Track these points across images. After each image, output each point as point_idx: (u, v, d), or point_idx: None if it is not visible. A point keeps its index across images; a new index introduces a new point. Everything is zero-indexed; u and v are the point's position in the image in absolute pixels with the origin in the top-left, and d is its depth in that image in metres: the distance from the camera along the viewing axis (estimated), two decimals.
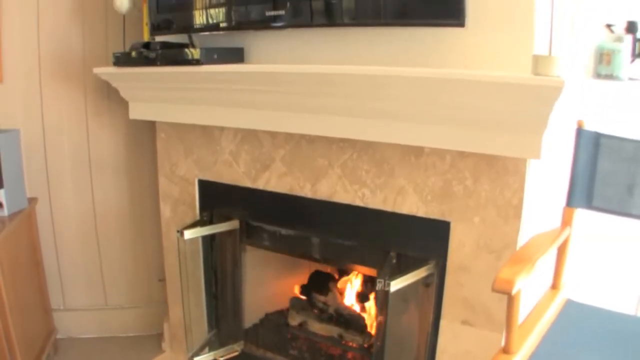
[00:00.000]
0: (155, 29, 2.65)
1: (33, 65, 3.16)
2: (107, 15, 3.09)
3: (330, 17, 2.17)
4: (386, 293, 2.11)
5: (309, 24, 2.23)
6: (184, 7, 2.54)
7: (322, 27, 2.23)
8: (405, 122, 2.01)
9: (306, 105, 2.20)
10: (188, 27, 2.55)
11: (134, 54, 2.53)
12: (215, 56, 2.33)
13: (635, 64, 2.15)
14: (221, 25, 2.44)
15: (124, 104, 2.93)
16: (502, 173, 1.96)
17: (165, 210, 2.95)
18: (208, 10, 2.46)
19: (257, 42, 2.45)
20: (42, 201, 3.27)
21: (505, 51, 1.89)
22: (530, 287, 1.60)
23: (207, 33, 2.51)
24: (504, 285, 1.43)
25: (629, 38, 2.14)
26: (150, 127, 3.04)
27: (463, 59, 1.97)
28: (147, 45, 2.49)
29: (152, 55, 2.44)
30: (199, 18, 2.50)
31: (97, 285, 3.45)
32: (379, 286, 2.19)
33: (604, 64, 2.12)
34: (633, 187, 1.81)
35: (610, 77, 2.10)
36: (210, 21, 2.46)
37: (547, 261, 1.71)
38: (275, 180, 2.51)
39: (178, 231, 2.65)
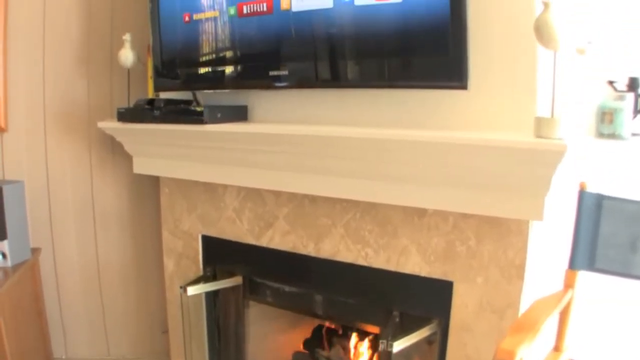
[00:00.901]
0: (160, 85, 2.74)
1: (38, 116, 3.25)
2: (112, 68, 3.17)
3: (333, 78, 2.24)
4: (389, 353, 2.14)
5: (312, 84, 2.30)
6: (189, 64, 2.62)
7: (325, 88, 2.30)
8: (408, 184, 2.05)
9: (309, 165, 2.25)
10: (192, 84, 2.64)
11: (138, 110, 2.61)
12: (219, 115, 2.39)
13: (637, 119, 2.19)
14: (225, 83, 2.52)
15: (128, 157, 3.00)
16: (505, 233, 2.00)
17: (169, 264, 3.00)
18: (212, 68, 2.55)
19: (261, 100, 2.52)
20: (46, 251, 3.32)
21: (507, 112, 1.95)
22: (532, 352, 1.63)
23: (211, 91, 2.59)
24: (505, 356, 1.47)
25: (630, 96, 2.17)
26: (154, 181, 3.09)
27: (466, 120, 2.02)
28: (151, 102, 2.56)
29: (156, 112, 2.51)
30: (204, 75, 2.58)
31: (100, 335, 3.48)
32: (381, 346, 2.22)
33: (605, 123, 2.15)
34: (636, 248, 1.84)
35: (612, 136, 2.12)
36: (215, 79, 2.54)
37: (550, 324, 1.74)
38: (279, 238, 2.55)
39: (181, 287, 2.70)
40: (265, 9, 2.30)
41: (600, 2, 2.08)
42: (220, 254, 2.82)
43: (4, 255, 2.91)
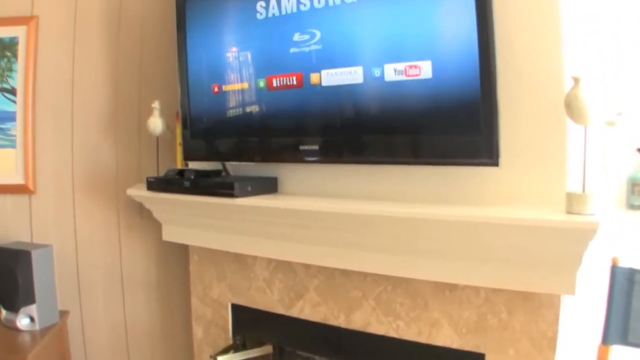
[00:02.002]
0: (189, 154, 2.84)
1: (66, 180, 3.38)
2: (140, 134, 3.29)
3: (363, 153, 2.31)
4: None
5: (342, 159, 2.38)
6: (218, 134, 2.73)
7: (355, 164, 2.37)
8: (439, 260, 2.10)
9: (340, 240, 2.31)
10: (222, 155, 2.74)
11: (168, 180, 2.70)
12: (250, 188, 2.46)
13: None
14: (255, 155, 2.62)
15: (157, 222, 3.09)
16: (537, 306, 2.03)
17: (198, 332, 3.05)
18: (242, 140, 2.64)
19: (291, 172, 2.60)
20: (74, 314, 3.41)
21: (537, 186, 2.00)
22: None
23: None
24: None
25: None
26: (183, 248, 3.17)
27: (495, 195, 2.08)
28: (181, 173, 2.65)
29: (186, 183, 2.59)
30: (233, 147, 2.68)
31: None
32: None
33: (636, 195, 2.19)
34: None
35: None
36: (244, 151, 2.64)
37: None
38: (310, 309, 2.60)
39: (212, 356, 2.77)
40: (295, 82, 2.40)
41: (629, 67, 2.12)
42: (250, 323, 2.86)
43: (32, 319, 3.02)
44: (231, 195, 2.43)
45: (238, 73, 2.59)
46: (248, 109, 2.58)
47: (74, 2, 3.39)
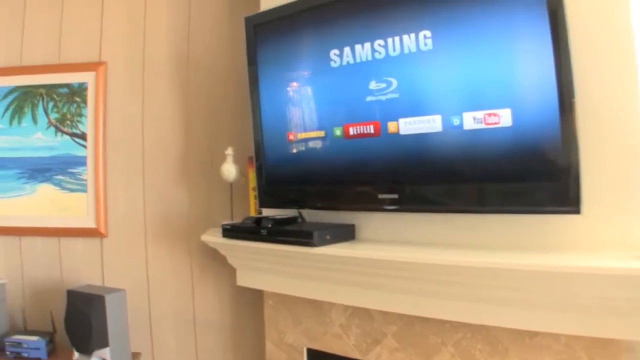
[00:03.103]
0: (264, 201, 2.91)
1: (138, 224, 3.52)
2: (212, 180, 3.40)
3: (442, 202, 2.34)
4: None
5: (422, 209, 2.42)
6: (294, 182, 2.80)
7: (434, 213, 2.41)
8: (519, 308, 2.12)
9: (418, 288, 2.34)
10: (298, 203, 2.80)
11: (244, 228, 2.76)
12: (328, 237, 2.50)
13: None
14: (332, 204, 2.68)
15: (228, 268, 3.18)
16: (617, 352, 2.04)
17: None
18: (318, 188, 2.71)
19: (369, 220, 2.64)
20: (145, 356, 3.52)
21: (618, 234, 2.01)
22: None
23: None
24: None
25: None
26: (256, 292, 3.24)
27: (575, 243, 2.10)
28: (258, 221, 2.70)
29: (263, 232, 2.65)
30: (309, 195, 2.75)
31: None
32: None
33: None
34: None
35: None
36: (321, 199, 2.71)
37: None
38: (387, 355, 2.63)
39: None
40: (372, 131, 2.46)
41: None
42: None
43: None
44: (310, 244, 2.47)
45: (313, 121, 2.67)
46: (324, 157, 2.64)
47: (141, 48, 3.53)
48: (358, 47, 2.48)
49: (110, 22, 3.66)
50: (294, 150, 2.76)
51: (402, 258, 2.27)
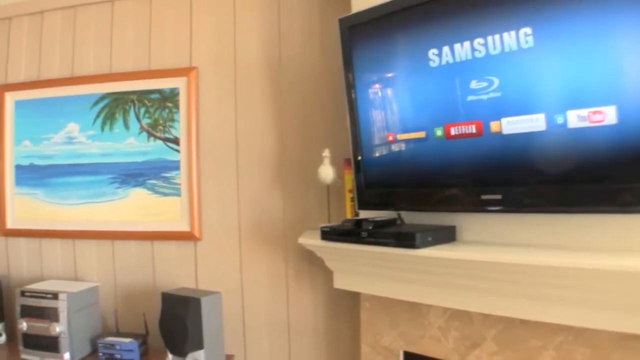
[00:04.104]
0: (363, 203, 2.95)
1: (232, 227, 3.64)
2: (307, 182, 3.48)
3: (547, 202, 2.34)
4: None
5: (526, 209, 2.41)
6: (393, 184, 2.83)
7: (538, 213, 2.41)
8: (622, 311, 2.11)
9: (521, 290, 2.34)
10: (397, 205, 2.83)
11: (344, 230, 2.80)
12: (430, 239, 2.52)
13: None
14: (433, 205, 2.69)
15: (324, 271, 3.26)
16: None
17: None
18: (419, 190, 2.73)
19: (469, 221, 2.65)
20: (238, 358, 3.62)
21: None
22: None
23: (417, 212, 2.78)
24: None
25: None
26: (352, 295, 3.31)
27: None
28: (358, 223, 2.74)
29: (364, 234, 2.68)
30: (410, 196, 2.77)
31: None
32: None
33: None
34: None
35: None
36: (421, 201, 2.72)
37: None
38: (486, 358, 2.64)
39: None
40: (474, 131, 2.48)
41: None
42: None
43: None
44: (412, 246, 2.50)
45: (413, 122, 2.69)
46: (425, 158, 2.67)
47: (232, 52, 3.63)
48: (457, 46, 2.51)
49: (199, 27, 3.79)
50: (394, 151, 2.79)
51: (506, 260, 2.27)
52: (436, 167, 2.65)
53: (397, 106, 2.77)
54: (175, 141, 3.74)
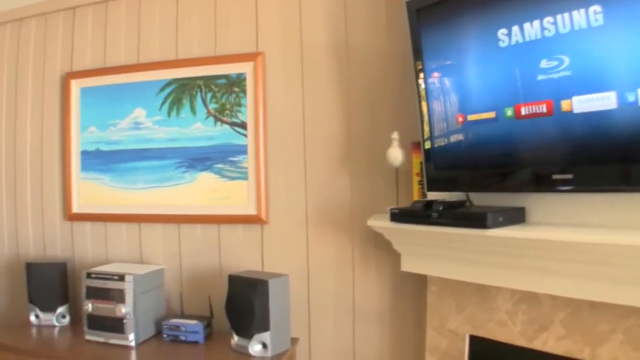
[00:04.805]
0: (432, 185, 2.99)
1: (299, 211, 3.71)
2: (374, 166, 3.54)
3: (620, 182, 2.34)
4: None
5: (597, 189, 2.42)
6: (463, 165, 2.86)
7: (611, 192, 2.41)
8: None
9: (592, 272, 2.36)
10: (467, 186, 2.86)
11: (413, 211, 2.84)
12: (501, 219, 2.53)
13: None
14: (503, 186, 2.70)
15: (391, 254, 3.32)
16: None
17: None
18: (489, 171, 2.76)
19: (539, 202, 2.66)
20: (302, 342, 3.70)
21: None
22: None
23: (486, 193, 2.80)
24: None
25: None
26: (417, 278, 3.36)
27: None
28: (428, 204, 2.77)
29: (434, 215, 2.71)
30: (480, 178, 2.80)
31: None
32: None
33: None
34: None
35: None
36: (492, 182, 2.75)
37: None
38: (553, 342, 2.64)
39: None
40: (545, 110, 2.48)
41: None
42: (487, 356, 2.93)
43: (264, 346, 3.29)
44: (483, 226, 2.51)
45: (483, 102, 2.71)
46: (495, 138, 2.68)
47: (298, 38, 3.70)
48: (527, 25, 2.52)
49: (265, 13, 3.86)
50: (463, 133, 2.82)
51: (579, 239, 2.28)
52: (506, 147, 2.66)
53: (467, 87, 2.79)
54: (243, 125, 3.82)
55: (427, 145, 2.99)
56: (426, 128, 2.99)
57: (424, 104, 2.98)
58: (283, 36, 3.80)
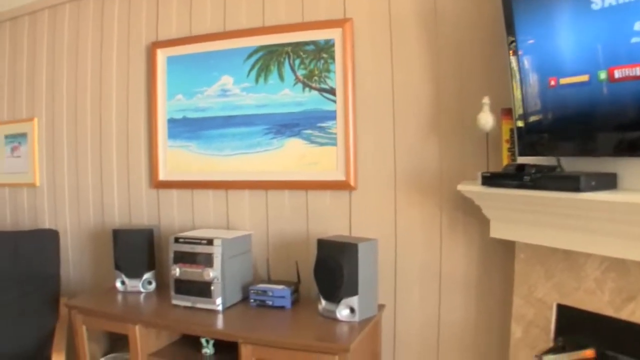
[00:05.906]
0: (524, 150, 3.03)
1: (387, 177, 3.80)
2: (463, 131, 3.59)
3: None
4: None
5: None
6: (555, 130, 2.89)
7: None
8: None
9: None
10: (559, 151, 2.89)
11: (505, 175, 2.90)
12: (594, 183, 2.56)
13: None
14: (596, 150, 2.73)
15: (479, 221, 3.39)
16: None
17: (516, 331, 3.22)
18: (581, 135, 2.78)
19: (629, 169, 2.67)
20: (388, 309, 3.80)
21: None
22: None
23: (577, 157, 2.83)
24: None
25: None
26: (505, 246, 3.41)
27: None
28: (520, 168, 2.82)
29: (526, 178, 2.76)
30: (572, 142, 2.82)
31: None
32: None
33: None
34: None
35: None
36: (584, 146, 2.77)
37: None
38: None
39: (536, 356, 2.90)
40: (639, 74, 2.48)
41: None
42: (574, 325, 2.96)
43: (352, 311, 3.38)
44: (576, 189, 2.55)
45: (576, 66, 2.72)
46: (588, 102, 2.69)
47: (386, 3, 3.77)
48: None
49: None
50: (555, 96, 2.83)
51: None
52: (599, 111, 2.67)
53: (559, 51, 2.80)
54: (332, 92, 3.91)
55: (519, 109, 3.02)
56: (517, 93, 3.01)
57: (515, 68, 3.00)
58: (371, 2, 3.86)
